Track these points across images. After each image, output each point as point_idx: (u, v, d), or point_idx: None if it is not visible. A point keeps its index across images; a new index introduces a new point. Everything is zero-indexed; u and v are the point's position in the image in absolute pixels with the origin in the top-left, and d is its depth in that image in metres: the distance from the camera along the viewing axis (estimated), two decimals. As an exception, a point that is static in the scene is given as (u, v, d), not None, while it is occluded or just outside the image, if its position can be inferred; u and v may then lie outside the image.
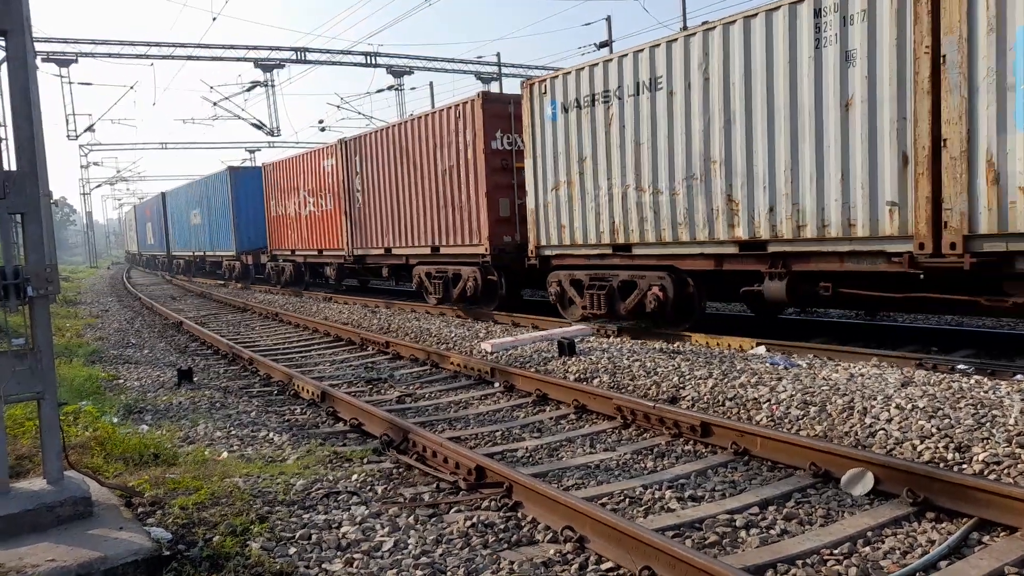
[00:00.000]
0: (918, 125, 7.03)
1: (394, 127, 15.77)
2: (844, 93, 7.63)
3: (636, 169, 9.96)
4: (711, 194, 9.03)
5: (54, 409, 3.83)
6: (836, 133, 7.72)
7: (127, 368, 9.99)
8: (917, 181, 7.08)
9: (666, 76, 9.40)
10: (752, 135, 8.50)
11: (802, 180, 8.06)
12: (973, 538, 3.65)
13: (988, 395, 5.63)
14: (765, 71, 8.29)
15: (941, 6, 6.78)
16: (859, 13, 7.41)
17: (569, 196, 11.09)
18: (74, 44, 28.24)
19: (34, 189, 3.74)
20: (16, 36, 3.73)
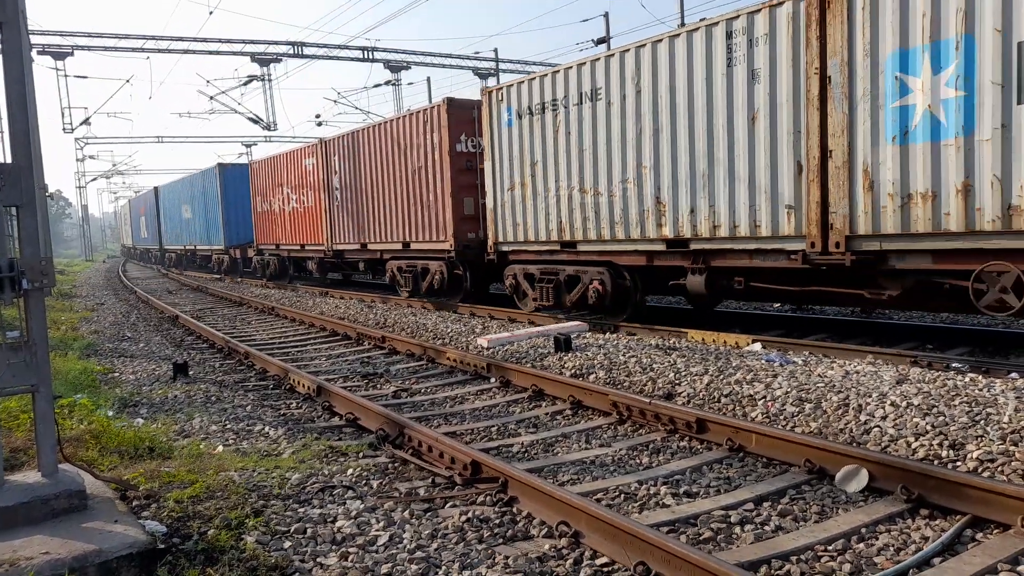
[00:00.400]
0: (809, 137, 7.95)
1: (368, 129, 16.57)
2: (751, 107, 8.52)
3: (580, 172, 10.86)
4: (642, 196, 9.94)
5: (49, 402, 3.82)
6: (744, 143, 8.61)
7: (122, 362, 9.97)
8: (809, 187, 8.00)
9: (605, 88, 10.33)
10: (676, 143, 9.41)
11: (717, 185, 8.96)
12: (967, 535, 3.67)
13: (983, 393, 5.64)
14: (687, 86, 9.20)
15: (827, 32, 7.68)
16: (762, 36, 8.30)
17: (523, 196, 12.01)
18: (70, 37, 28.13)
19: (29, 182, 3.72)
20: (11, 28, 3.71)
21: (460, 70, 35.99)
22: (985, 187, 6.73)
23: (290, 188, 21.16)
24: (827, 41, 7.73)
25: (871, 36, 7.40)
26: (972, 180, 6.82)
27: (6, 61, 3.70)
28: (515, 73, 35.16)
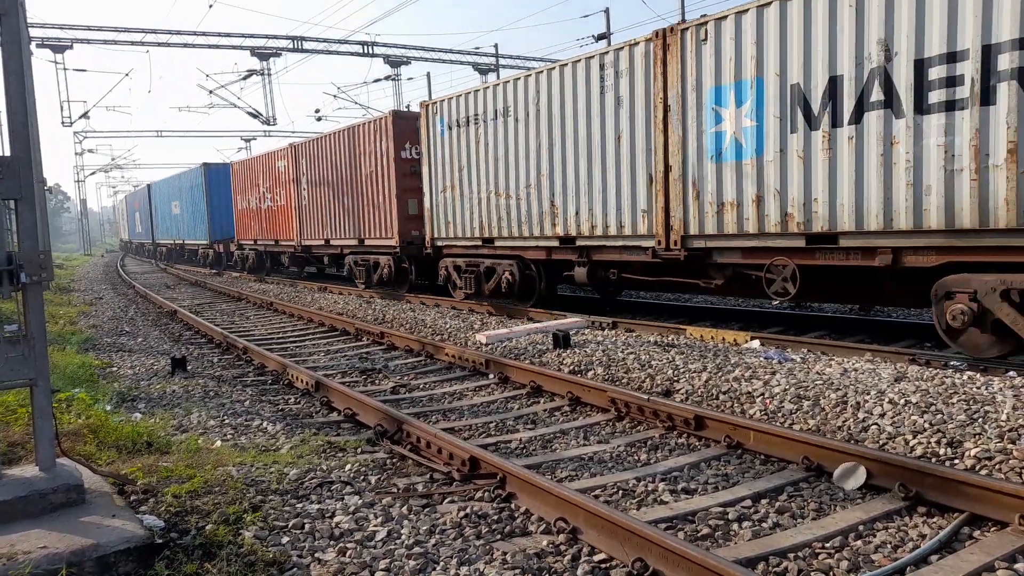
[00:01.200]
0: (656, 154, 9.72)
1: (330, 136, 18.36)
2: (617, 128, 10.27)
3: (495, 178, 12.58)
4: (541, 200, 11.69)
5: (47, 396, 3.82)
6: (613, 158, 10.37)
7: (120, 356, 9.96)
8: (657, 195, 9.78)
9: (513, 107, 12.05)
10: (565, 156, 11.15)
11: (594, 192, 10.70)
12: (964, 533, 3.67)
13: (980, 391, 5.65)
14: (572, 108, 10.94)
15: (668, 69, 9.42)
16: (625, 70, 10.03)
17: (453, 198, 13.72)
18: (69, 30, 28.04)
19: (28, 175, 3.71)
20: (10, 19, 3.70)
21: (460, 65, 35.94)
22: (770, 198, 8.46)
23: (265, 188, 22.88)
24: (668, 76, 9.45)
25: (697, 74, 9.11)
26: (762, 192, 8.55)
27: (5, 54, 3.68)
28: (516, 68, 35.11)
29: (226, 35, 29.84)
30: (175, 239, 35.24)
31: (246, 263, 25.76)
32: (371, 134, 16.21)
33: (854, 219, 7.73)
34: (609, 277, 10.98)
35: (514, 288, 12.43)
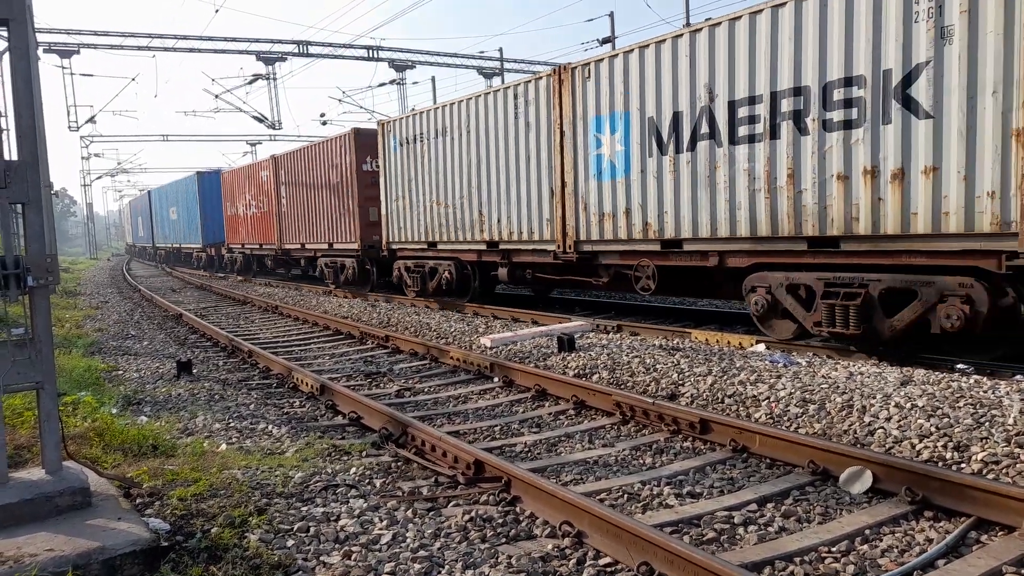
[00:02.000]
0: (556, 172, 11.45)
1: (306, 149, 20.36)
2: (527, 149, 11.99)
3: (437, 189, 14.33)
4: (472, 209, 13.35)
5: (53, 399, 3.83)
6: (525, 174, 12.06)
7: (126, 359, 9.99)
8: (556, 207, 11.49)
9: (450, 127, 13.77)
10: (490, 172, 12.84)
11: (512, 203, 12.41)
12: (971, 537, 3.66)
13: (987, 395, 5.63)
14: (495, 131, 12.62)
15: (563, 100, 11.17)
16: (532, 99, 11.79)
17: (404, 207, 15.48)
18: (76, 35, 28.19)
19: (35, 179, 3.73)
20: (18, 25, 3.72)
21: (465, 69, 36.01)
22: (635, 211, 10.16)
23: (251, 196, 25.00)
24: (563, 107, 11.17)
25: (583, 105, 10.85)
26: (630, 206, 10.25)
27: (13, 58, 3.70)
28: (521, 72, 35.15)
29: (232, 40, 29.98)
30: (173, 243, 37.50)
31: (235, 265, 27.93)
32: (337, 148, 18.21)
33: (692, 228, 9.39)
34: (526, 276, 12.94)
35: (452, 286, 14.30)
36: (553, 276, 12.43)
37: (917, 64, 7.12)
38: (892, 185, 7.36)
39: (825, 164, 7.91)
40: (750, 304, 8.83)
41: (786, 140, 8.22)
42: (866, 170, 7.56)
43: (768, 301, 8.54)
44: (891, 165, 7.36)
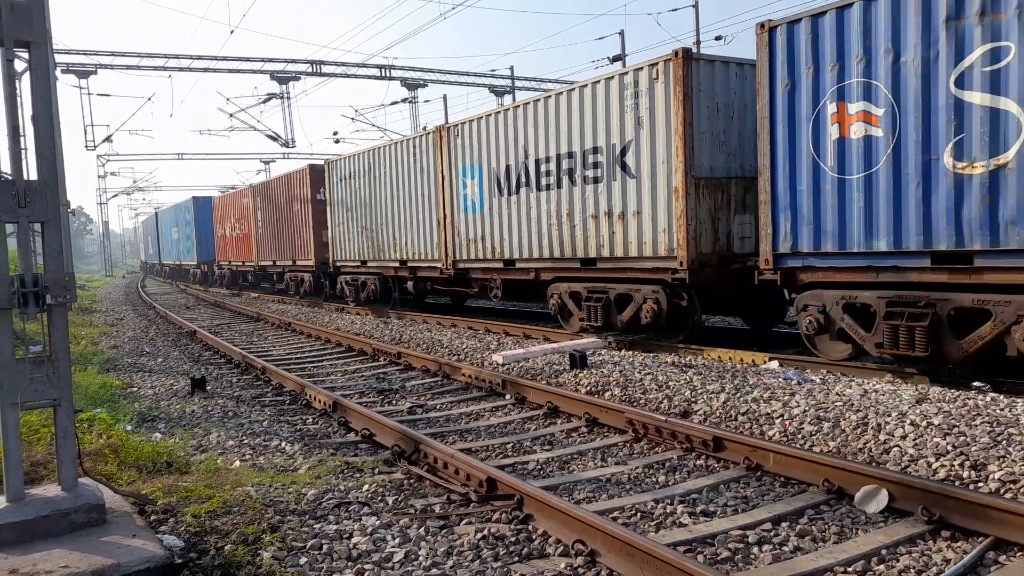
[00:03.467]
0: (440, 207, 14.63)
1: (273, 180, 24.95)
2: (424, 189, 15.25)
3: (365, 218, 17.79)
4: (390, 235, 16.77)
5: (70, 416, 3.87)
6: (422, 209, 15.37)
7: (141, 376, 10.05)
8: (441, 234, 14.70)
9: (374, 168, 17.21)
10: (400, 206, 16.18)
11: (415, 231, 15.71)
12: (989, 557, 3.61)
13: (1004, 413, 5.57)
14: (404, 172, 15.99)
15: (442, 153, 14.38)
16: (424, 150, 15.10)
17: (344, 231, 18.98)
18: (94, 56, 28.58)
19: (54, 198, 3.79)
20: (39, 48, 3.80)
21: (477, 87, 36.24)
22: (488, 237, 13.28)
23: (235, 219, 29.00)
24: (443, 157, 14.41)
25: (454, 157, 14.08)
26: (484, 234, 13.36)
27: (33, 80, 3.77)
28: (532, 91, 35.35)
29: (247, 59, 30.31)
30: (175, 260, 41.86)
31: (223, 280, 32.03)
32: (298, 181, 22.01)
33: (520, 251, 12.54)
34: (427, 287, 16.35)
35: (378, 295, 17.71)
36: (444, 287, 15.90)
37: (628, 141, 10.17)
38: (619, 223, 10.47)
39: (586, 207, 11.02)
40: (550, 306, 12.17)
41: (565, 189, 11.39)
42: (606, 212, 10.68)
43: (560, 304, 11.91)
44: (617, 209, 10.47)
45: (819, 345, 8.43)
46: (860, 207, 7.64)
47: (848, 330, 7.92)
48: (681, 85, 9.28)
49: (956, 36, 6.86)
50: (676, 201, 9.48)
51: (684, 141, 9.33)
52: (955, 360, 7.18)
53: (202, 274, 35.59)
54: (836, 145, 7.83)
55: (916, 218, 7.22)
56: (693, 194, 9.43)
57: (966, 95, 6.85)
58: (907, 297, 7.38)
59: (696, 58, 9.57)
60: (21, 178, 3.73)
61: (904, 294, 7.42)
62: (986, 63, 6.67)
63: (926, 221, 7.16)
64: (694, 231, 9.45)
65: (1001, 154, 6.65)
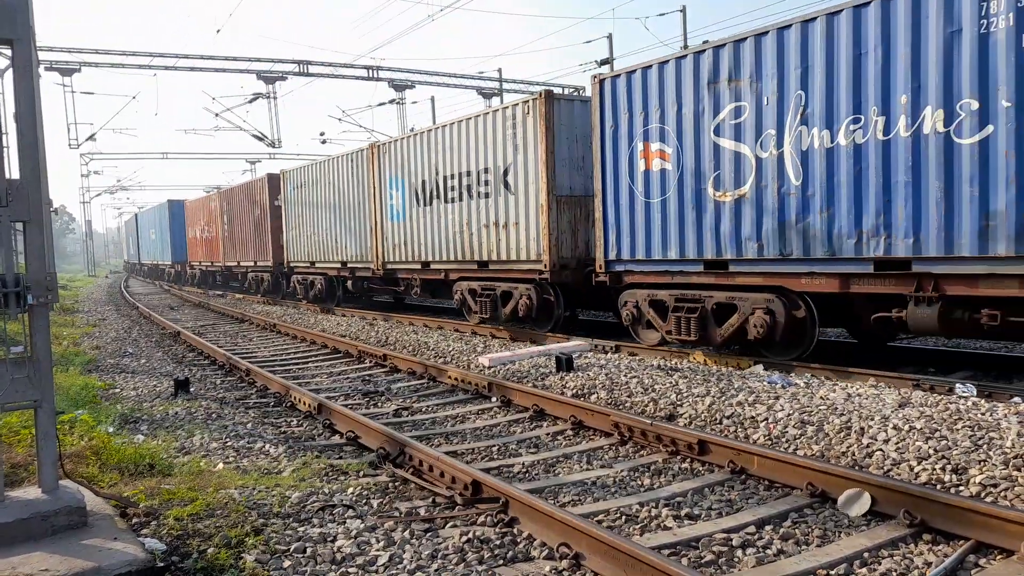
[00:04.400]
0: (373, 215, 16.72)
1: (237, 187, 27.27)
2: (359, 199, 17.46)
3: (312, 224, 20.15)
4: (333, 239, 18.91)
5: (51, 418, 3.82)
6: (359, 216, 17.44)
7: (123, 377, 9.96)
8: (373, 239, 16.74)
9: (321, 179, 19.54)
10: (342, 213, 18.33)
11: (353, 236, 17.83)
12: (970, 560, 3.65)
13: (985, 417, 5.63)
14: (344, 184, 18.18)
15: (374, 167, 16.48)
16: (360, 164, 17.24)
17: (297, 235, 21.29)
18: (77, 53, 28.31)
19: (37, 197, 3.75)
20: (22, 45, 3.76)
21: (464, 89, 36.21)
22: (410, 242, 15.38)
23: (205, 223, 31.17)
24: (374, 171, 16.57)
25: (384, 172, 16.22)
26: (407, 239, 15.45)
27: (16, 78, 3.74)
28: (520, 93, 35.38)
29: (233, 59, 30.11)
30: (152, 260, 44.33)
31: (194, 280, 34.49)
32: (258, 187, 24.28)
33: (435, 254, 14.49)
34: (364, 285, 18.42)
35: (323, 294, 20.05)
36: (377, 286, 18.12)
37: (509, 163, 12.26)
38: (503, 231, 12.51)
39: (480, 217, 13.06)
40: (455, 301, 14.22)
41: (466, 202, 13.35)
42: (495, 223, 12.71)
43: (462, 299, 13.94)
44: (502, 220, 12.52)
45: (638, 333, 10.69)
46: (658, 224, 9.86)
47: (653, 321, 10.15)
48: (544, 120, 11.39)
49: (714, 95, 9.04)
50: (541, 215, 11.59)
51: (547, 165, 11.43)
52: (716, 343, 9.40)
53: (175, 274, 37.87)
54: (643, 175, 10.05)
55: (692, 234, 9.41)
56: (555, 209, 11.53)
57: (721, 140, 9.03)
58: (687, 295, 9.65)
59: (557, 98, 11.78)
60: (3, 177, 3.69)
61: (685, 293, 9.68)
62: (731, 117, 8.88)
63: (699, 236, 9.34)
64: (555, 240, 11.54)
65: (742, 186, 8.82)
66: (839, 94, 7.83)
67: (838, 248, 7.94)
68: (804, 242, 8.23)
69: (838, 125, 7.88)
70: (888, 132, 7.47)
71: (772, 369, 8.34)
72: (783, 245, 8.43)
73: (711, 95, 9.03)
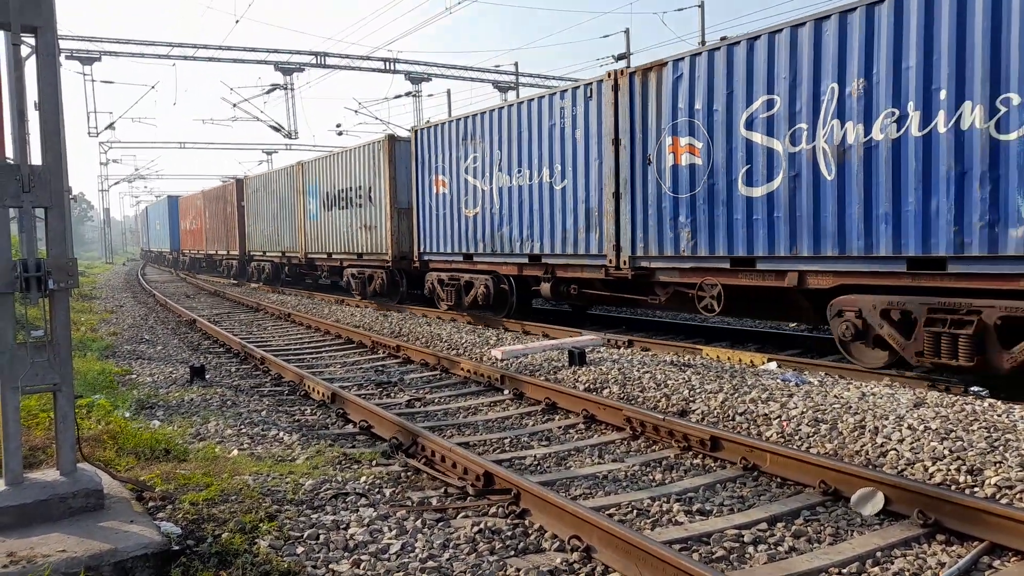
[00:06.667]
0: (299, 216, 21.54)
1: (215, 188, 32.43)
2: (291, 203, 22.23)
3: (266, 222, 24.79)
4: (275, 233, 23.76)
5: (70, 401, 3.87)
6: (291, 216, 22.26)
7: (140, 364, 10.06)
8: (299, 234, 21.78)
9: (270, 185, 24.31)
10: (281, 214, 23.11)
11: (287, 231, 22.61)
12: (984, 562, 3.62)
13: (1001, 418, 5.58)
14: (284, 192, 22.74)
15: (301, 179, 21.42)
16: (292, 176, 22.07)
17: (254, 230, 26.39)
18: (98, 43, 28.53)
19: (58, 184, 3.79)
20: (46, 32, 3.79)
21: (480, 83, 36.18)
22: (321, 237, 20.23)
23: (192, 216, 36.83)
24: (300, 183, 21.20)
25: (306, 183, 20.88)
26: (322, 236, 20.05)
27: (40, 64, 3.77)
28: (536, 87, 35.29)
29: (251, 50, 30.26)
30: (159, 248, 50.13)
31: (185, 265, 40.25)
32: (229, 190, 29.14)
33: (334, 247, 19.38)
34: (297, 271, 23.72)
35: (271, 277, 25.34)
36: (304, 271, 23.30)
37: (372, 183, 17.01)
38: (370, 232, 17.28)
39: (357, 221, 17.84)
40: (343, 282, 19.17)
41: (350, 210, 18.24)
42: (365, 225, 17.44)
43: (348, 280, 18.74)
44: (369, 224, 17.22)
45: (437, 303, 15.01)
46: (444, 230, 14.59)
47: (442, 294, 14.69)
48: (388, 154, 16.38)
49: (465, 148, 13.99)
50: (389, 221, 16.39)
51: (391, 187, 16.37)
52: (466, 306, 14.15)
53: (172, 260, 44.16)
54: (435, 197, 14.77)
55: (456, 236, 14.29)
56: (395, 217, 16.34)
57: (468, 177, 13.83)
58: (454, 277, 14.39)
59: (397, 139, 16.66)
60: (26, 163, 3.73)
61: (453, 274, 14.44)
62: (473, 163, 13.83)
63: (457, 237, 14.27)
64: (396, 239, 16.36)
65: (475, 207, 13.80)
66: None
67: (508, 248, 12.86)
68: (502, 244, 13.02)
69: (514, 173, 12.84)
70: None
71: (785, 367, 8.30)
72: (499, 246, 13.07)
73: (462, 147, 13.90)
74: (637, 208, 10.27)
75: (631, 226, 10.36)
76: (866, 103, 7.56)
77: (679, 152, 9.59)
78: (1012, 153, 6.55)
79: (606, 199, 10.73)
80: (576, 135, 11.17)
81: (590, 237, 11.08)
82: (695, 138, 9.35)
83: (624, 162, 10.38)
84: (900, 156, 7.31)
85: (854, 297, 7.83)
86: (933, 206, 7.10)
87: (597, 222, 10.95)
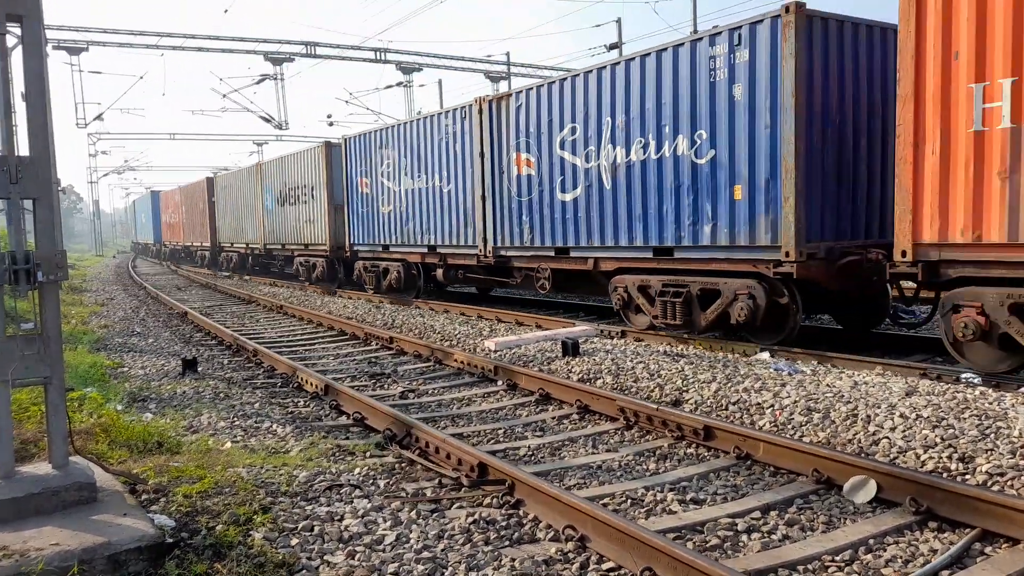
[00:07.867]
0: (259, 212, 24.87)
1: (190, 185, 35.34)
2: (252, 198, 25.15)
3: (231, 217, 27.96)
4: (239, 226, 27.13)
5: (61, 394, 3.85)
6: (252, 211, 25.19)
7: (131, 356, 10.02)
8: (259, 226, 24.72)
9: (233, 184, 27.65)
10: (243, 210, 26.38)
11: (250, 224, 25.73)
12: (975, 549, 3.65)
13: (993, 406, 5.62)
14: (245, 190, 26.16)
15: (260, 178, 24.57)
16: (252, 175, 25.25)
17: (223, 224, 29.14)
18: (85, 32, 28.28)
19: (46, 175, 3.75)
20: (31, 22, 3.75)
21: (472, 72, 36.04)
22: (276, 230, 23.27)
23: (172, 211, 39.78)
24: (259, 181, 24.49)
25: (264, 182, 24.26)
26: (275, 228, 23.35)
27: (26, 55, 3.73)
28: (528, 77, 35.20)
29: (240, 40, 30.07)
30: (145, 240, 52.69)
31: (167, 256, 42.74)
32: (202, 187, 31.86)
33: (286, 239, 22.22)
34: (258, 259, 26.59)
35: (238, 266, 28.32)
36: (265, 261, 26.38)
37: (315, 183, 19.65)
38: (313, 226, 19.98)
39: (303, 216, 20.36)
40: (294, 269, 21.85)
41: (299, 206, 20.69)
42: (308, 220, 20.12)
43: (297, 268, 21.57)
44: (312, 218, 19.91)
45: (364, 287, 17.64)
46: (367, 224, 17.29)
47: (366, 279, 17.41)
48: (325, 158, 19.08)
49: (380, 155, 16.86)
50: (326, 216, 18.99)
51: (328, 186, 18.94)
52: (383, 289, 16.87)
53: (156, 251, 46.81)
54: (360, 196, 17.51)
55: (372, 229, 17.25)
56: (332, 213, 18.88)
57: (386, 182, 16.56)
58: (376, 263, 17.05)
59: (332, 145, 18.91)
60: (13, 154, 3.70)
61: (375, 261, 17.14)
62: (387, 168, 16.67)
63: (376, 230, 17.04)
64: (332, 232, 18.92)
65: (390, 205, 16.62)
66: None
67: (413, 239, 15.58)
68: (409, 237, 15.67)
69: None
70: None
71: (777, 357, 8.33)
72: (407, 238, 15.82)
73: (379, 154, 16.51)
74: (496, 208, 12.98)
75: (493, 222, 13.10)
76: (627, 133, 10.18)
77: (521, 165, 12.33)
78: (703, 172, 9.18)
79: (476, 201, 13.42)
80: (456, 148, 13.95)
81: (467, 231, 13.79)
82: (530, 154, 12.09)
83: (487, 171, 13.10)
84: (646, 172, 9.93)
85: (624, 277, 10.51)
86: (664, 209, 9.74)
87: (471, 219, 13.65)
